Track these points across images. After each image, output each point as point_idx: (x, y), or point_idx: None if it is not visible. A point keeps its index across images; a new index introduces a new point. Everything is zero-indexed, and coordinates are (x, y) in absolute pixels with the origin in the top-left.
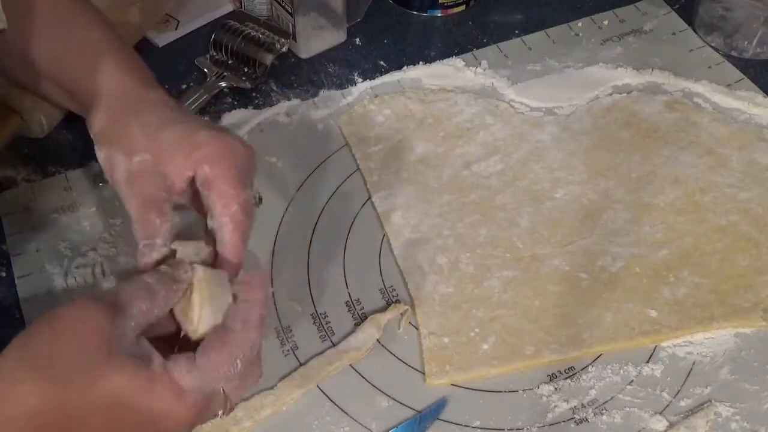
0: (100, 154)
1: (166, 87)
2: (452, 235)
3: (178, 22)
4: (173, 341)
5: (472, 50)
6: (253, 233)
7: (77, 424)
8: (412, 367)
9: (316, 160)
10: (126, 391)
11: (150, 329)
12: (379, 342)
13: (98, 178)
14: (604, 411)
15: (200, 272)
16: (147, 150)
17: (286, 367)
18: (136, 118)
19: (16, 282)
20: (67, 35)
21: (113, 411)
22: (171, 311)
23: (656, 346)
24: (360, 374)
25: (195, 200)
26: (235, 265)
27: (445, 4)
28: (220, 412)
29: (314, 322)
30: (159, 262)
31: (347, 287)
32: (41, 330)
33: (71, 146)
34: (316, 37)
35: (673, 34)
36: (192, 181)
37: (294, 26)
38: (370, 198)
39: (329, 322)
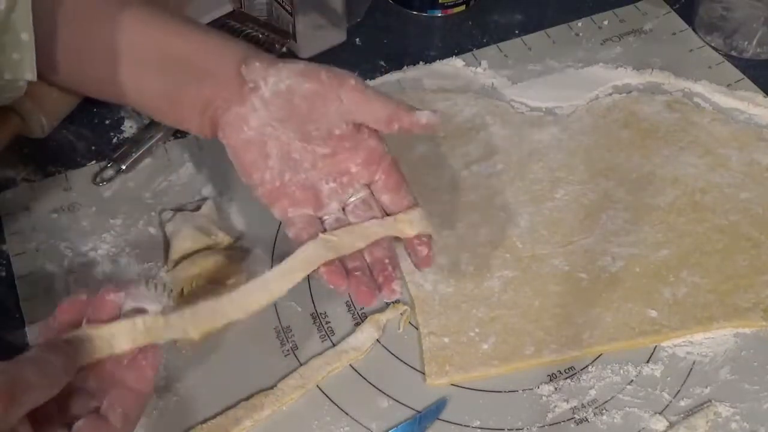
0: None
1: None
2: (452, 235)
3: None
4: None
5: (472, 50)
6: (254, 233)
7: None
8: (412, 367)
9: None
10: None
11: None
12: (379, 342)
13: (98, 178)
14: (604, 411)
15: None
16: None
17: (286, 367)
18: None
19: (16, 282)
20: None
21: None
22: None
23: (656, 346)
24: (360, 374)
25: None
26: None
27: (445, 4)
28: None
29: (314, 322)
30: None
31: None
32: None
33: (71, 146)
34: (316, 37)
35: (673, 34)
36: None
37: (294, 26)
38: None
39: (329, 322)
